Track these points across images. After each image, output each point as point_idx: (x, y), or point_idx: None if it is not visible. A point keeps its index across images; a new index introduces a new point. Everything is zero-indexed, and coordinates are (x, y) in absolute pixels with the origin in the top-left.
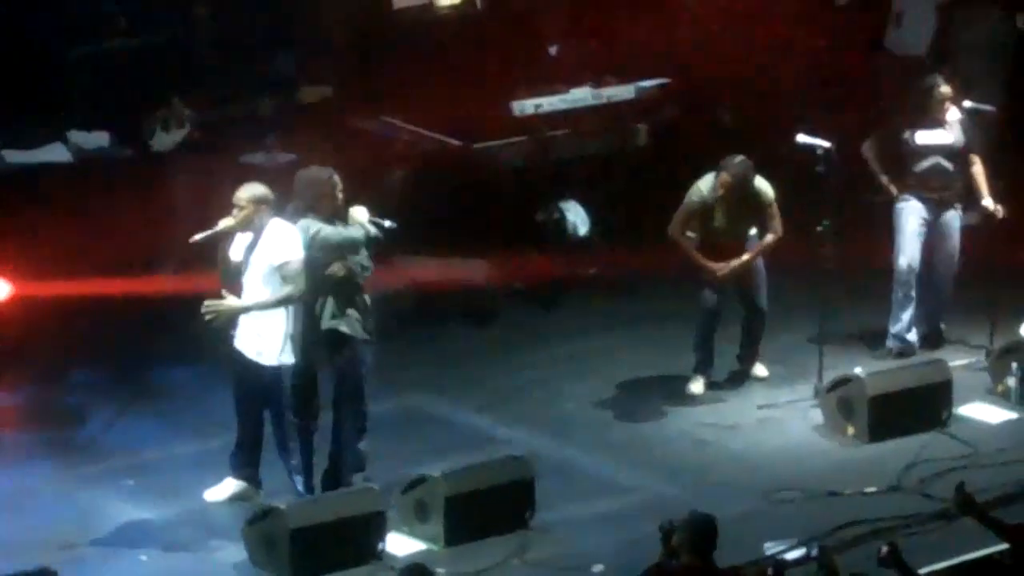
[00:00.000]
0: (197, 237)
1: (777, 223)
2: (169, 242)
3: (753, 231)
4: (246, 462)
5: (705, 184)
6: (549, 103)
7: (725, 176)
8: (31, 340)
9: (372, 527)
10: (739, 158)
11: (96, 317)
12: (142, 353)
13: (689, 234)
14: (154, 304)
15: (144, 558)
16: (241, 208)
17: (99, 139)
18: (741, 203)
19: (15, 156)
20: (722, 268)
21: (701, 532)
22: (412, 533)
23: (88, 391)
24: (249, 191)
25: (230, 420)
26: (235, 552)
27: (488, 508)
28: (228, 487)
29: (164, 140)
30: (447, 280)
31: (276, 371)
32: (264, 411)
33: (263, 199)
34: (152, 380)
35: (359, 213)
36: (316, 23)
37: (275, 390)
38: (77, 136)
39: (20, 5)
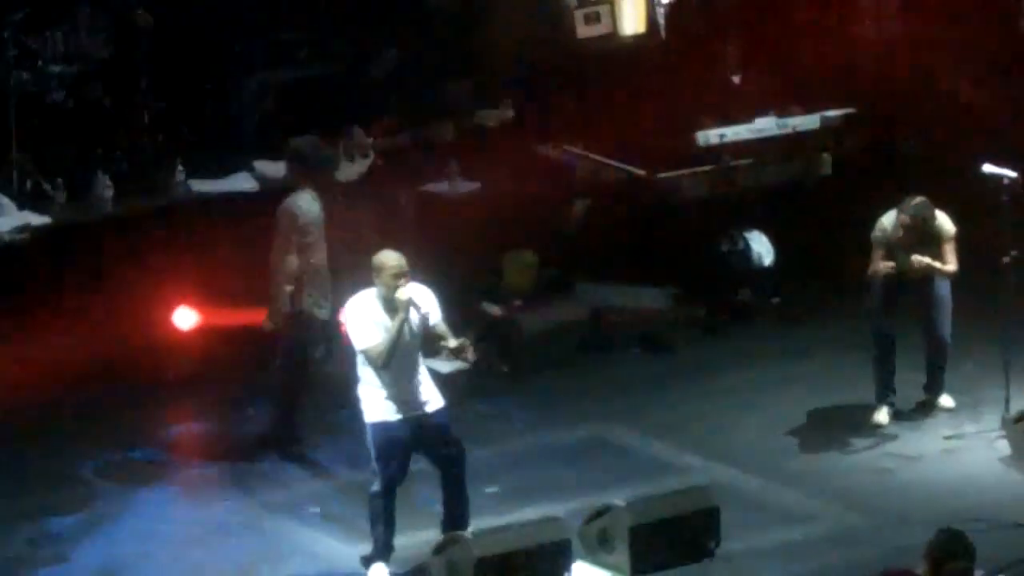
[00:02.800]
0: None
1: (953, 259)
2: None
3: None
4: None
5: (888, 220)
6: (734, 132)
7: (904, 217)
8: (216, 369)
9: (557, 556)
10: (918, 199)
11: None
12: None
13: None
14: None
15: None
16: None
17: (283, 168)
18: (922, 241)
19: (201, 185)
20: (918, 260)
21: (940, 546)
22: (596, 562)
23: (271, 419)
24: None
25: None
26: None
27: (673, 537)
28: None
29: (349, 169)
30: (628, 309)
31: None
32: None
33: None
34: (333, 408)
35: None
36: (498, 50)
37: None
38: (262, 165)
39: (204, 37)
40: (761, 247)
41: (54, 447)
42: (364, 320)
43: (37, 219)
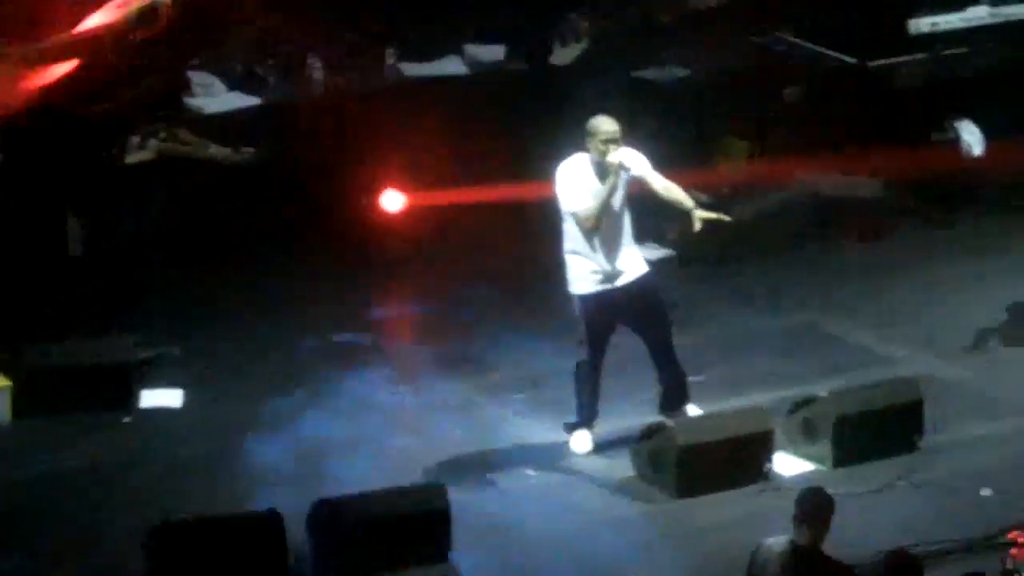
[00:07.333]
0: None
1: None
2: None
3: None
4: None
5: None
6: (946, 21)
7: None
8: (423, 252)
9: (759, 446)
10: None
11: (485, 230)
12: (528, 268)
13: None
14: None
15: (531, 473)
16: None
17: (494, 53)
18: None
19: (411, 68)
20: None
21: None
22: (799, 453)
23: (477, 304)
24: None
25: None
26: (623, 467)
27: (876, 429)
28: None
29: (563, 54)
30: (843, 197)
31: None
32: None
33: None
34: (540, 296)
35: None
36: None
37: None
38: (473, 49)
39: None
40: (972, 136)
41: (268, 329)
42: (575, 183)
43: (247, 100)
